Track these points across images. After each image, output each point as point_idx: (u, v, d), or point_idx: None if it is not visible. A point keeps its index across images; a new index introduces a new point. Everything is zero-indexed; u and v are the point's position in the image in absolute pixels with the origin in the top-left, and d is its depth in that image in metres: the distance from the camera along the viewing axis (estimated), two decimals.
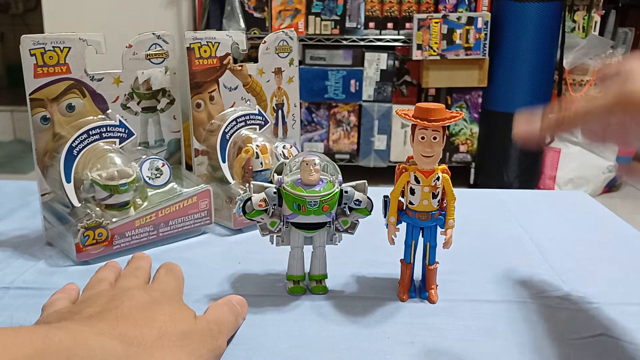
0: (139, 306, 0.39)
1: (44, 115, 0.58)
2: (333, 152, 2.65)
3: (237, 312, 0.45)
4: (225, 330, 0.42)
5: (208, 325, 0.41)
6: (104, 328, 0.35)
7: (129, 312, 0.38)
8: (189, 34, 0.65)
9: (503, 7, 2.38)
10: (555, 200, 0.80)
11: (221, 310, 0.44)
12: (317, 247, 0.51)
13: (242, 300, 0.47)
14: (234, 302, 0.46)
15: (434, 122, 0.45)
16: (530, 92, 2.41)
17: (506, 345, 0.44)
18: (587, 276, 0.56)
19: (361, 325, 0.46)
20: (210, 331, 0.40)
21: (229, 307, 0.45)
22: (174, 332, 0.38)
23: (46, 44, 0.56)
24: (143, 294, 0.41)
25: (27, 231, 0.64)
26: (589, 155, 2.50)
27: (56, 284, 0.49)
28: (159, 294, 0.43)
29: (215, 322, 0.41)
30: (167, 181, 0.63)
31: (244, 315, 0.46)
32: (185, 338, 0.38)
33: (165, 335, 0.37)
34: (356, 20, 2.51)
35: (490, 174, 2.58)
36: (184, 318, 0.40)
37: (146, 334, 0.36)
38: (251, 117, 0.69)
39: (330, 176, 0.49)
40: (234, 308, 0.45)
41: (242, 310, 0.46)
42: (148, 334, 0.36)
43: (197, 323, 0.40)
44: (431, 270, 0.51)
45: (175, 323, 0.39)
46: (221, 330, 0.41)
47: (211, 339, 0.40)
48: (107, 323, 0.36)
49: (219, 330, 0.41)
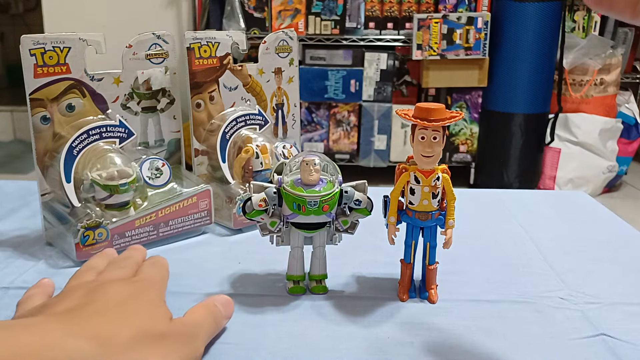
0: (115, 302, 0.38)
1: (44, 115, 0.58)
2: (333, 152, 2.65)
3: (218, 315, 0.44)
4: (202, 333, 0.41)
5: (184, 329, 0.39)
6: (75, 327, 0.34)
7: (103, 308, 0.37)
8: (189, 34, 0.65)
9: (503, 7, 2.38)
10: (555, 200, 0.80)
11: (200, 313, 0.42)
12: (317, 247, 0.51)
13: (227, 301, 0.45)
14: (216, 303, 0.44)
15: (434, 122, 0.45)
16: (530, 92, 2.41)
17: (506, 345, 0.44)
18: (587, 276, 0.56)
19: (361, 325, 0.46)
20: (185, 335, 0.39)
21: (210, 310, 0.43)
22: (149, 333, 0.36)
23: (46, 44, 0.56)
24: (121, 288, 0.40)
25: (27, 231, 0.64)
26: (589, 155, 2.50)
27: (56, 284, 0.49)
28: (139, 287, 0.41)
29: (192, 325, 0.40)
30: (167, 181, 0.63)
31: (228, 316, 0.45)
32: (159, 340, 0.37)
33: (139, 335, 0.36)
34: (356, 20, 2.51)
35: (490, 174, 2.58)
36: (161, 319, 0.38)
37: (119, 334, 0.35)
38: (251, 117, 0.69)
39: (330, 176, 0.49)
40: (215, 310, 0.44)
41: (226, 311, 0.45)
42: (121, 334, 0.35)
43: (173, 325, 0.39)
44: (431, 270, 0.51)
45: (151, 325, 0.37)
46: (197, 334, 0.40)
47: (186, 342, 0.39)
48: (80, 320, 0.35)
49: (195, 334, 0.40)
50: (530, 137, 2.46)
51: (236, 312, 0.48)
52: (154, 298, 0.41)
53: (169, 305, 0.48)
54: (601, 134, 2.49)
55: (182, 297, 0.50)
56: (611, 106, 2.54)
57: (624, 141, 2.62)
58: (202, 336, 0.41)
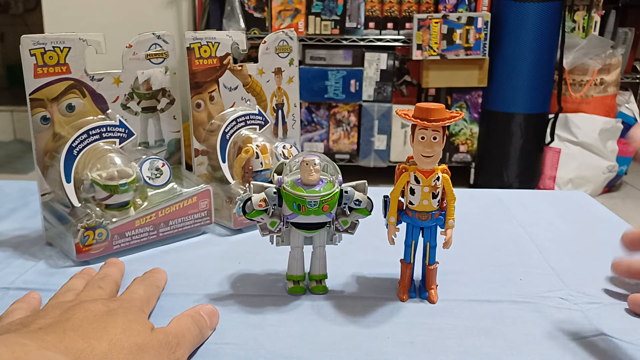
0: (91, 318, 0.38)
1: (44, 115, 0.58)
2: (333, 152, 2.65)
3: (202, 324, 0.43)
4: (185, 343, 0.41)
5: (166, 338, 0.39)
6: (50, 341, 0.34)
7: (79, 325, 0.37)
8: (189, 34, 0.65)
9: (503, 7, 2.38)
10: (555, 200, 0.80)
11: (184, 322, 0.42)
12: (317, 247, 0.51)
13: (211, 311, 0.45)
14: (202, 312, 0.44)
15: (434, 122, 0.45)
16: (530, 92, 2.41)
17: (506, 345, 0.44)
18: (587, 276, 0.56)
19: (361, 325, 0.46)
20: (167, 344, 0.39)
21: (194, 319, 0.43)
22: (126, 345, 0.36)
23: (46, 44, 0.56)
24: (98, 306, 0.40)
25: (27, 231, 0.64)
26: (589, 155, 2.50)
27: (56, 284, 0.49)
28: (117, 305, 0.41)
29: (174, 334, 0.40)
30: (167, 181, 0.63)
31: (213, 327, 0.45)
32: (138, 351, 0.37)
33: (116, 348, 0.36)
34: (356, 20, 2.51)
35: (490, 174, 2.58)
36: (139, 330, 0.38)
37: (95, 346, 0.35)
38: (251, 117, 0.69)
39: (330, 176, 0.49)
40: (199, 319, 0.44)
41: (211, 321, 0.45)
42: (97, 347, 0.35)
43: (154, 336, 0.39)
44: (431, 270, 0.51)
45: (129, 335, 0.37)
46: (180, 344, 0.40)
47: (168, 352, 0.38)
48: (55, 336, 0.35)
49: (177, 343, 0.40)
50: (530, 137, 2.46)
51: (236, 312, 0.48)
52: (132, 311, 0.41)
53: (169, 305, 0.49)
54: (601, 134, 2.48)
55: (182, 297, 0.50)
56: (611, 106, 2.54)
57: (624, 141, 2.61)
58: (185, 346, 0.41)
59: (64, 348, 0.34)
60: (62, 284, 0.48)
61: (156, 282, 0.50)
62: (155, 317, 0.47)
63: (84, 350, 0.34)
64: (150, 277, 0.50)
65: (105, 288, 0.47)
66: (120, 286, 0.50)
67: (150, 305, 0.47)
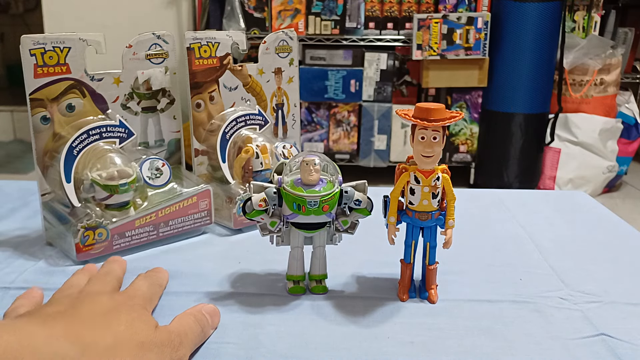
0: (98, 311, 0.39)
1: (44, 115, 0.58)
2: (333, 152, 2.65)
3: (204, 323, 0.44)
4: (187, 342, 0.41)
5: (169, 337, 0.39)
6: (58, 329, 0.34)
7: (87, 316, 0.37)
8: (189, 34, 0.65)
9: (503, 7, 2.38)
10: (555, 200, 0.80)
11: (186, 321, 0.43)
12: (317, 247, 0.51)
13: (213, 310, 0.46)
14: (203, 311, 0.45)
15: (434, 122, 0.45)
16: (530, 92, 2.41)
17: (506, 345, 0.44)
18: (587, 276, 0.56)
19: (361, 325, 0.46)
20: (170, 342, 0.39)
21: (196, 318, 0.43)
22: (130, 342, 0.37)
23: (46, 44, 0.56)
24: (106, 300, 0.40)
25: (27, 231, 0.64)
26: (589, 155, 2.50)
27: (56, 283, 0.49)
28: (123, 301, 0.42)
29: (177, 333, 0.40)
30: (167, 181, 0.63)
31: (214, 325, 0.45)
32: (141, 348, 0.37)
33: (121, 344, 0.36)
34: (356, 20, 2.51)
35: (490, 174, 2.58)
36: (143, 328, 0.39)
37: (100, 340, 0.35)
38: (251, 117, 0.69)
39: (330, 176, 0.49)
40: (201, 318, 0.44)
41: (213, 320, 0.45)
42: (102, 341, 0.35)
43: (157, 334, 0.39)
44: (431, 270, 0.51)
45: (133, 332, 0.38)
46: (183, 342, 0.40)
47: (170, 350, 0.39)
48: (62, 324, 0.35)
49: (180, 342, 0.40)
50: (530, 137, 2.46)
51: (236, 312, 0.48)
52: (136, 309, 0.41)
53: (169, 305, 0.49)
54: (601, 134, 2.48)
55: (182, 297, 0.50)
56: (611, 106, 2.54)
57: (624, 141, 2.62)
58: (187, 344, 0.41)
59: (73, 339, 0.34)
60: (62, 283, 0.48)
61: (159, 281, 0.50)
62: (156, 316, 0.46)
63: (90, 342, 0.35)
64: (153, 276, 0.50)
65: (109, 283, 0.47)
66: (122, 284, 0.50)
67: (153, 304, 0.47)
